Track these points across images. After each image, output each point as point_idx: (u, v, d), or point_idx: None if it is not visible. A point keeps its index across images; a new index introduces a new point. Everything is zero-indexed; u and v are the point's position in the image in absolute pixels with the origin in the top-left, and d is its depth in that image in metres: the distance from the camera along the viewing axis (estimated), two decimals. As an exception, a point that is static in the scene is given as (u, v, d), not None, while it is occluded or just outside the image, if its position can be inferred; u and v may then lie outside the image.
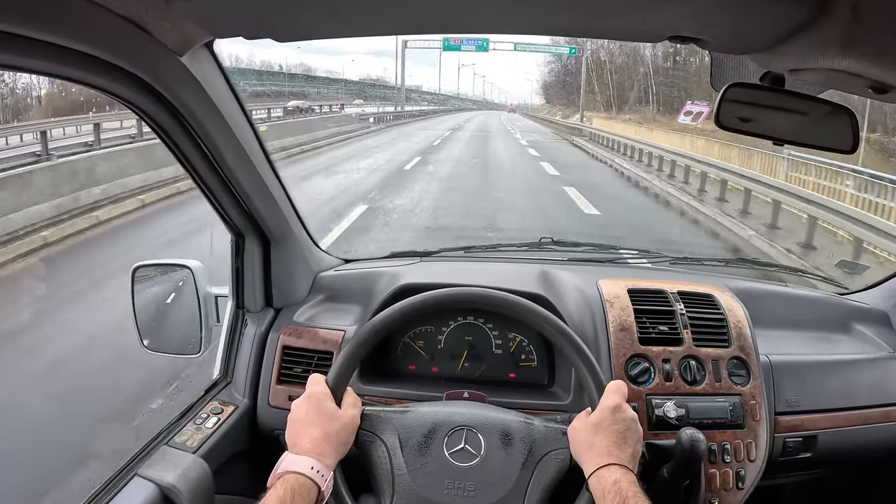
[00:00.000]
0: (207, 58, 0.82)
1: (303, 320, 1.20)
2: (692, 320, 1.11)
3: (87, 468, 2.25)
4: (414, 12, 0.69)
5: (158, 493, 0.89)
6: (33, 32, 0.56)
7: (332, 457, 0.78)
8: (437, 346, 1.18)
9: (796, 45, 0.63)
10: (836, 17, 0.54)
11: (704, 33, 0.66)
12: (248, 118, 0.96)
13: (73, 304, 4.31)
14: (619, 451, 0.77)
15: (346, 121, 22.45)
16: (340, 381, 0.85)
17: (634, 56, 39.38)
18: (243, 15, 0.69)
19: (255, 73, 36.60)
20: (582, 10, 0.67)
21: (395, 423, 0.86)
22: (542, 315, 0.91)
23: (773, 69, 0.75)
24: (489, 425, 0.86)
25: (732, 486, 1.01)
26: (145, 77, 0.72)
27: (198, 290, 1.16)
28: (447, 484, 0.81)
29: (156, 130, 0.84)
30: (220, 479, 0.99)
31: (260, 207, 1.07)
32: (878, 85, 0.63)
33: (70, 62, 0.62)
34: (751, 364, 1.08)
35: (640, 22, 0.69)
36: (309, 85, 41.37)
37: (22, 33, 0.55)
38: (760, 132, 0.81)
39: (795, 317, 1.32)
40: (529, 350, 1.17)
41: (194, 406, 1.10)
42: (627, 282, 1.20)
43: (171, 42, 0.71)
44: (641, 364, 1.07)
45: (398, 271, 1.25)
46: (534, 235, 1.50)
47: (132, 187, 7.55)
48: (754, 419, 1.05)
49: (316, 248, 1.35)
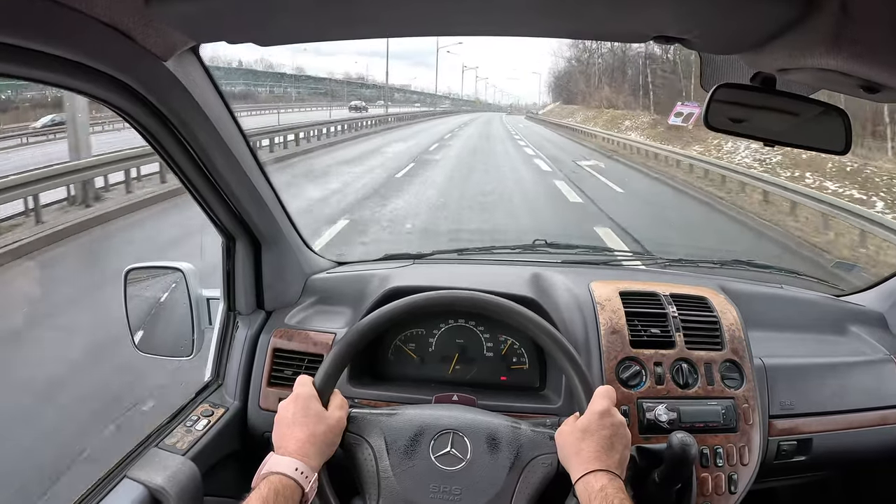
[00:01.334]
0: (193, 62, 0.82)
1: (294, 323, 1.20)
2: (685, 323, 1.11)
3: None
4: (394, 15, 0.69)
5: (147, 495, 0.89)
6: (19, 40, 0.56)
7: (316, 458, 0.78)
8: (428, 348, 1.18)
9: (785, 45, 0.62)
10: (824, 16, 0.53)
11: (689, 33, 0.65)
12: (235, 122, 0.96)
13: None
14: (607, 457, 0.76)
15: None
16: (328, 383, 0.85)
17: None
18: (225, 20, 0.69)
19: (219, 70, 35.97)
20: (564, 12, 0.66)
21: (381, 425, 0.86)
22: (529, 318, 0.90)
23: (762, 69, 0.74)
24: (476, 429, 0.85)
25: (725, 490, 1.00)
26: (131, 83, 0.73)
27: (189, 292, 1.16)
28: (433, 487, 0.81)
29: (144, 135, 0.84)
30: (210, 481, 0.99)
31: (250, 210, 1.07)
32: (868, 84, 0.62)
33: (56, 69, 0.63)
34: (744, 367, 1.07)
35: (623, 22, 0.68)
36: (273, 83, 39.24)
37: (7, 41, 0.55)
38: (751, 133, 0.80)
39: (790, 319, 1.31)
40: (521, 353, 1.17)
41: (185, 408, 1.10)
42: (620, 284, 1.20)
43: (154, 47, 0.71)
44: (633, 367, 1.06)
45: (389, 274, 1.25)
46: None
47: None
48: (747, 422, 1.04)
49: (308, 250, 1.34)
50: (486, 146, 19.28)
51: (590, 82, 37.87)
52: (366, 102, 35.99)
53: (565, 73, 44.72)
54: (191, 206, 1.07)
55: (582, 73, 40.02)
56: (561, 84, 47.00)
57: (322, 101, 38.71)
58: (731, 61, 0.82)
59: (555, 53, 53.30)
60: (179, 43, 0.73)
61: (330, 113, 27.43)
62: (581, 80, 39.80)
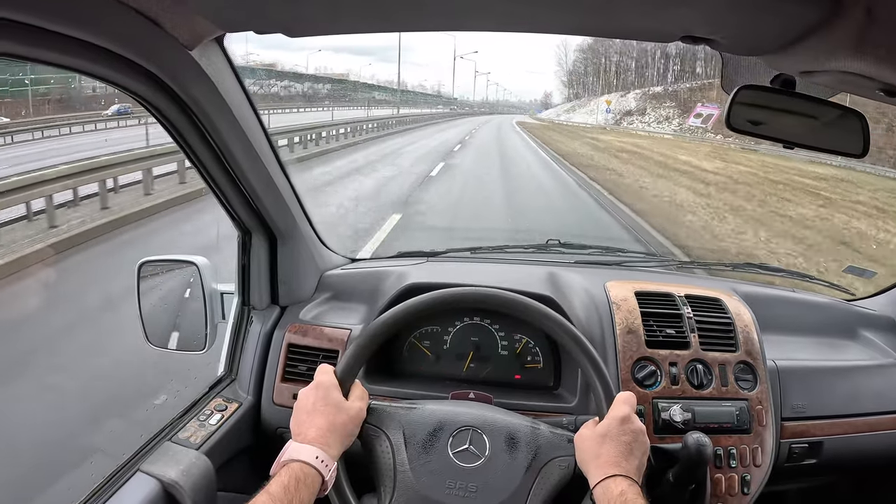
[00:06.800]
0: (217, 53, 0.83)
1: (308, 318, 1.20)
2: (699, 324, 1.11)
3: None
4: (423, 9, 0.69)
5: (160, 489, 0.88)
6: (47, 23, 0.56)
7: (336, 447, 0.77)
8: (443, 346, 1.18)
9: (808, 47, 0.63)
10: (849, 19, 0.54)
11: (716, 34, 0.66)
12: (256, 114, 0.96)
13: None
14: (626, 463, 0.76)
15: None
16: (349, 373, 0.85)
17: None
18: (253, 9, 0.69)
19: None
20: (593, 10, 0.67)
21: (400, 419, 0.86)
22: (553, 319, 0.90)
23: (784, 71, 0.75)
24: (495, 427, 0.85)
25: (738, 492, 1.00)
26: (155, 71, 0.73)
27: (203, 286, 1.16)
28: (449, 483, 0.81)
29: (164, 125, 0.84)
30: (223, 476, 0.99)
31: (267, 204, 1.07)
32: (889, 88, 0.63)
33: (82, 54, 0.63)
34: (758, 369, 1.08)
35: (651, 22, 0.68)
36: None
37: (36, 24, 0.55)
38: (771, 135, 0.81)
39: (803, 322, 1.31)
40: (535, 352, 1.17)
41: (198, 402, 1.10)
42: (635, 284, 1.20)
43: (181, 36, 0.71)
44: (648, 367, 1.06)
45: (405, 271, 1.25)
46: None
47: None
48: (760, 424, 1.04)
49: (323, 246, 1.35)
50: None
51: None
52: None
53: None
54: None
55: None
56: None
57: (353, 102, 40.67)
58: (752, 63, 0.82)
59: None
60: (206, 32, 0.73)
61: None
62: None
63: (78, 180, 6.15)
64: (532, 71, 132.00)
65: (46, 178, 5.76)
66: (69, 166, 6.31)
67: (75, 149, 9.95)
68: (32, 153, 9.85)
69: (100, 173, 6.52)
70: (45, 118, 15.62)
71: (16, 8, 0.52)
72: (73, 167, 6.29)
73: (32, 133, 13.18)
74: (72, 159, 6.91)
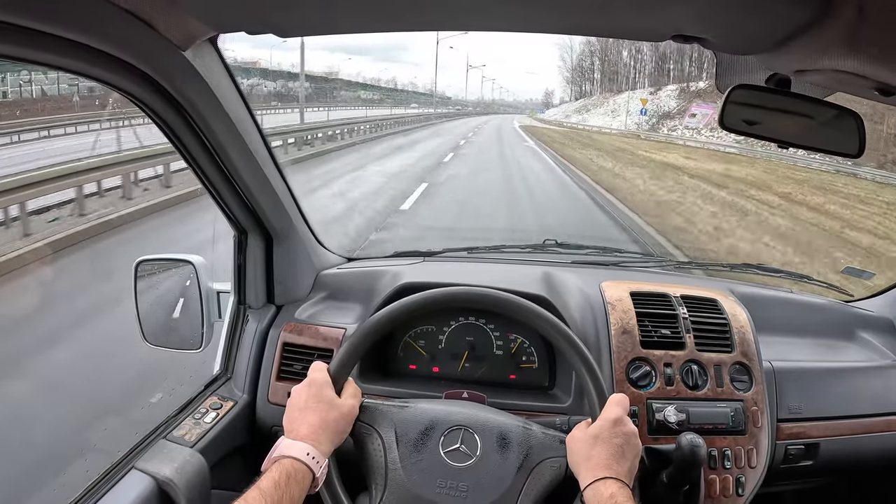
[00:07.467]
0: (211, 53, 0.83)
1: (304, 317, 1.20)
2: (695, 324, 1.11)
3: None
4: (417, 10, 0.69)
5: (155, 487, 0.89)
6: (41, 25, 0.56)
7: (327, 444, 0.78)
8: (437, 345, 1.18)
9: (801, 46, 0.62)
10: (840, 18, 0.54)
11: (708, 33, 0.66)
12: (251, 114, 0.96)
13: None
14: (617, 465, 0.76)
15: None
16: (342, 371, 0.85)
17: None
18: (245, 10, 0.69)
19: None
20: (584, 9, 0.67)
21: (393, 417, 0.86)
22: (546, 319, 0.89)
23: (778, 70, 0.75)
24: (487, 427, 0.85)
25: (732, 493, 1.00)
26: (149, 71, 0.73)
27: (200, 285, 1.16)
28: (440, 482, 0.81)
29: (159, 125, 0.85)
30: (218, 474, 0.99)
31: (263, 204, 1.07)
32: (883, 87, 0.62)
33: (76, 56, 0.63)
34: (753, 370, 1.07)
35: (642, 21, 0.68)
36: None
37: (29, 26, 0.55)
38: (765, 135, 0.80)
39: (799, 323, 1.31)
40: (530, 352, 1.17)
41: (193, 401, 1.10)
42: (631, 285, 1.19)
43: (174, 37, 0.71)
44: (643, 368, 1.06)
45: (400, 270, 1.25)
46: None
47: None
48: (756, 425, 1.03)
49: (319, 245, 1.35)
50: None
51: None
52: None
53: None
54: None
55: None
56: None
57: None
58: (747, 63, 0.82)
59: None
60: (199, 32, 0.73)
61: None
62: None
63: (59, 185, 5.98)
64: (531, 72, 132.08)
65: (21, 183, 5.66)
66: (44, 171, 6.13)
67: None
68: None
69: (79, 178, 6.31)
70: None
71: (9, 10, 0.53)
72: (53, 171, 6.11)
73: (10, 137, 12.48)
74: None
